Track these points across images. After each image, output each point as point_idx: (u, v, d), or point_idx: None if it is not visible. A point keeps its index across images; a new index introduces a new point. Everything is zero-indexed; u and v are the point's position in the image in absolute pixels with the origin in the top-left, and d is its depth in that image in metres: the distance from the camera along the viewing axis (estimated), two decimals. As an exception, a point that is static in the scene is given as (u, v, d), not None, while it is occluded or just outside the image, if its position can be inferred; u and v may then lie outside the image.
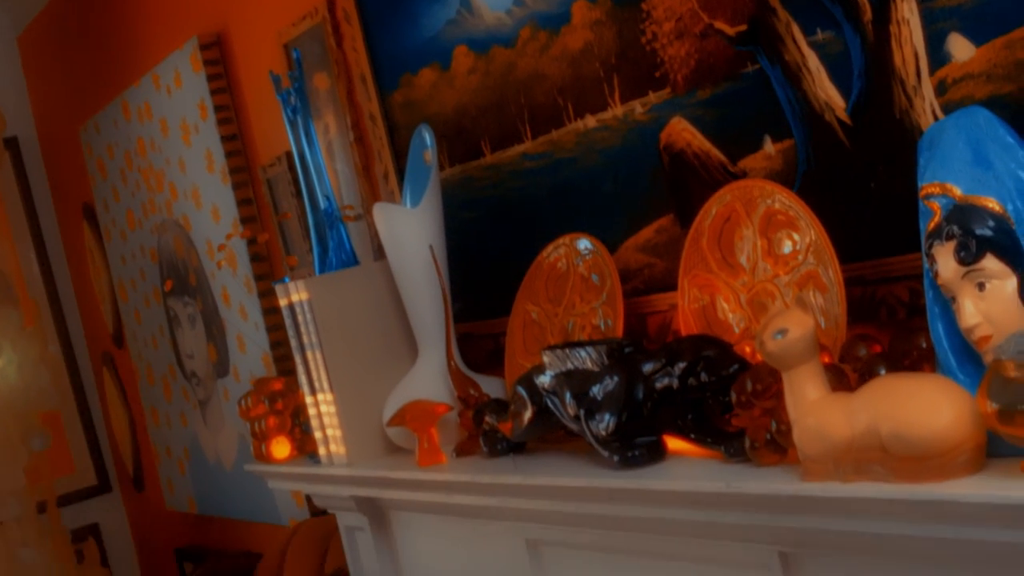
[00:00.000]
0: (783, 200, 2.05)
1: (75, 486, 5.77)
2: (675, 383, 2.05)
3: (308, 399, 2.94)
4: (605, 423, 2.09)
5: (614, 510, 2.08)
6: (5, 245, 5.43)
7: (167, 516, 5.32)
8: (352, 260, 3.04)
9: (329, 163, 3.34)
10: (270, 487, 3.37)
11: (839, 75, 2.00)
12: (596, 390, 2.13)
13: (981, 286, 1.60)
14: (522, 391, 2.34)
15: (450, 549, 2.75)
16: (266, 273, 3.95)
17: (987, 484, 1.53)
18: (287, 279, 2.98)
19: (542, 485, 2.22)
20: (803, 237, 2.03)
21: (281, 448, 3.25)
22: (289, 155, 3.54)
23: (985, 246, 1.59)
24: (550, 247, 2.61)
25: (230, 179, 4.00)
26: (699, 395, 2.02)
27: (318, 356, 2.85)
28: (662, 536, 2.08)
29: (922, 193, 1.68)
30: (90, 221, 5.39)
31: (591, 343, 2.22)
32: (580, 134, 2.54)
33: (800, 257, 2.03)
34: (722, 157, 2.25)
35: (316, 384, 2.89)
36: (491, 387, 2.67)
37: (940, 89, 1.86)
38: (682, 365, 2.04)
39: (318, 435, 2.95)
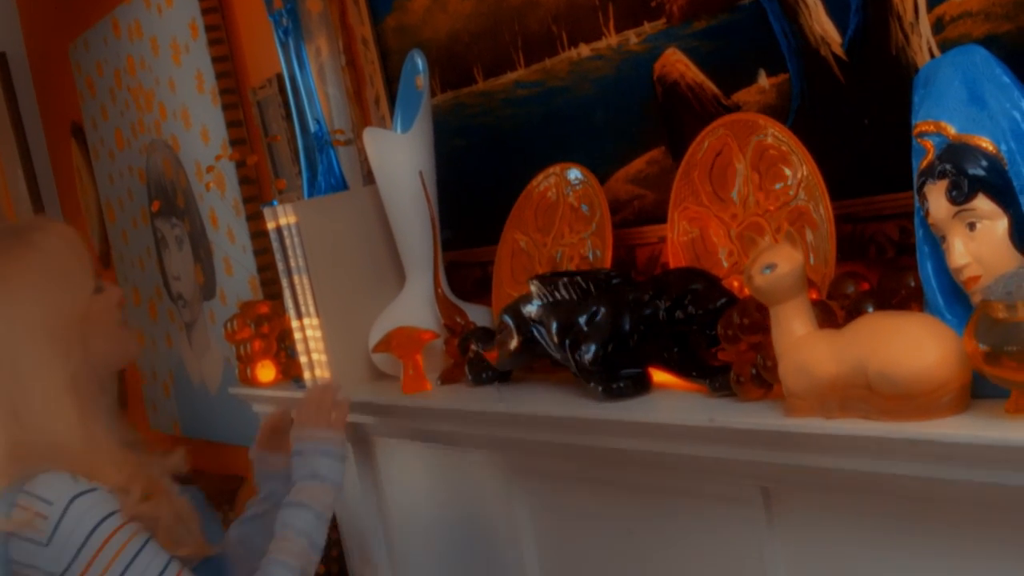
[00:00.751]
0: (776, 135, 2.04)
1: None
2: (662, 316, 2.05)
3: (294, 323, 2.94)
4: (590, 354, 2.08)
5: (597, 441, 2.08)
6: (-8, 162, 5.41)
7: (151, 438, 5.32)
8: (341, 185, 3.02)
9: (320, 86, 3.32)
10: (254, 411, 3.37)
11: (836, 9, 1.98)
12: (583, 320, 2.12)
13: (972, 226, 1.59)
14: (508, 320, 2.34)
15: (433, 477, 2.76)
16: (254, 196, 3.93)
17: (971, 425, 1.53)
18: (275, 202, 2.97)
19: (525, 414, 2.22)
20: (795, 172, 2.02)
21: (266, 372, 3.26)
22: (280, 77, 3.51)
23: (977, 186, 1.58)
24: (540, 176, 2.60)
25: (220, 100, 3.97)
26: (686, 328, 2.02)
27: (305, 280, 2.84)
28: (645, 469, 2.08)
29: (916, 131, 1.67)
30: (78, 139, 5.36)
31: (579, 273, 2.21)
32: (573, 63, 2.52)
33: (791, 192, 2.02)
34: (716, 90, 2.23)
35: (302, 308, 2.89)
36: (477, 315, 2.66)
37: (937, 27, 1.84)
38: (669, 298, 2.04)
39: (303, 359, 2.95)
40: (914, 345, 1.59)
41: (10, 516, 2.03)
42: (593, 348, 2.08)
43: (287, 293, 2.93)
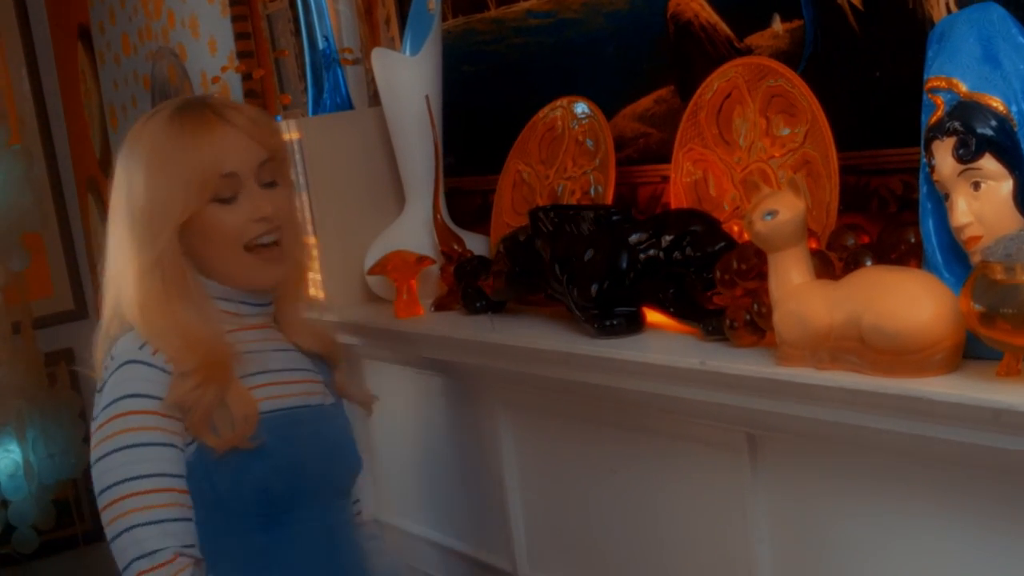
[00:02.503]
0: (787, 81, 2.02)
1: (52, 309, 5.76)
2: (660, 255, 2.04)
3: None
4: (586, 289, 2.08)
5: (587, 377, 2.08)
6: (-3, 60, 5.38)
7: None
8: (347, 104, 3.01)
9: (331, 3, 3.29)
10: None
11: (856, -42, 1.97)
12: (581, 256, 2.12)
13: (976, 185, 1.59)
14: (506, 251, 2.33)
15: (422, 404, 2.76)
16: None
17: (961, 385, 1.53)
18: (279, 118, 2.95)
19: (517, 346, 2.22)
20: (803, 120, 2.00)
21: (260, 287, 3.25)
22: (291, -8, 3.49)
23: (985, 146, 1.58)
24: (547, 108, 2.58)
25: (229, 11, 3.94)
26: (683, 270, 2.02)
27: (304, 198, 2.83)
28: (632, 408, 2.09)
29: (927, 86, 1.66)
30: (85, 43, 5.32)
31: (580, 207, 2.21)
32: (587, -4, 2.51)
33: (798, 140, 2.01)
34: (729, 32, 2.21)
35: (300, 226, 2.88)
36: (475, 244, 2.66)
37: (957, -19, 1.82)
38: (668, 238, 2.03)
39: (298, 277, 2.94)
40: (910, 300, 1.58)
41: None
42: (589, 284, 2.08)
43: (285, 209, 2.92)
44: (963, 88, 1.61)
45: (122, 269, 2.12)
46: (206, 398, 2.02)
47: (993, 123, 1.58)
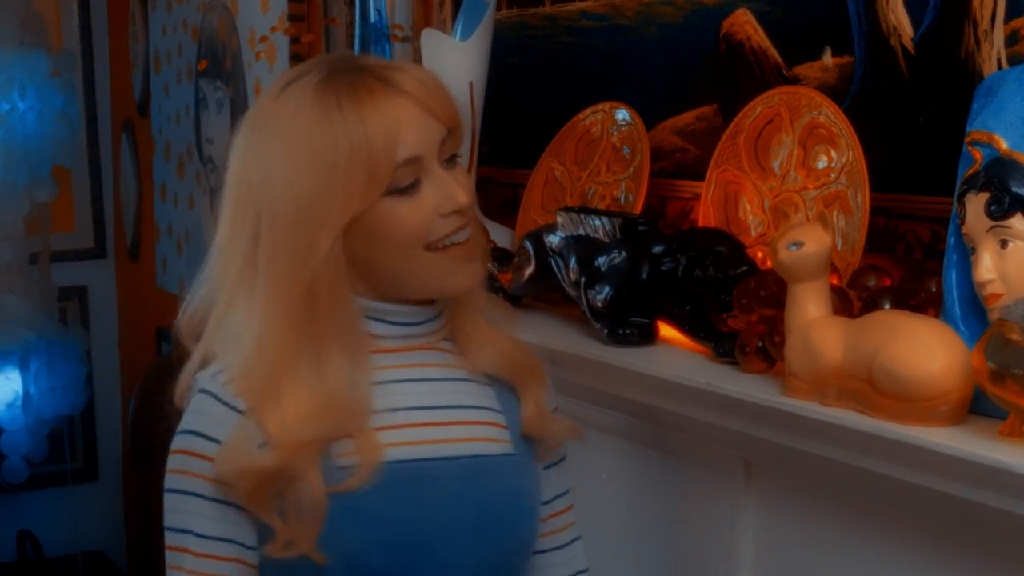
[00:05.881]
0: (829, 115, 2.02)
1: (72, 245, 5.76)
2: (680, 271, 2.04)
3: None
4: (603, 295, 2.08)
5: (594, 383, 2.09)
6: (47, -11, 5.38)
7: (156, 294, 5.34)
8: (390, 81, 3.01)
9: (387, -21, 3.30)
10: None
11: (914, 3, 1.96)
12: (602, 260, 2.12)
13: (1004, 243, 1.58)
14: (529, 246, 2.34)
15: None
16: (302, 74, 3.91)
17: (962, 439, 1.53)
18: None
19: (529, 343, 2.22)
20: (840, 156, 2.00)
21: (281, 250, 3.25)
22: (350, -39, 3.49)
23: (1017, 205, 1.57)
24: (588, 110, 2.58)
25: (286, -28, 3.94)
26: (701, 288, 2.02)
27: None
28: (633, 418, 2.09)
29: (968, 138, 1.66)
30: (139, -16, 5.34)
31: (608, 213, 2.21)
32: (643, 4, 2.50)
33: (833, 175, 2.01)
34: (779, 58, 2.21)
35: (328, 195, 2.87)
36: (499, 235, 2.66)
37: (1011, 39, 1.82)
38: (691, 255, 2.04)
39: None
40: (923, 349, 1.58)
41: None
42: (607, 290, 2.08)
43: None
44: (1004, 145, 1.61)
45: (242, 293, 1.61)
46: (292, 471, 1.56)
47: (1029, 184, 1.58)
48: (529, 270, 2.33)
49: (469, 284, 1.66)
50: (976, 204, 1.60)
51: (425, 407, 1.65)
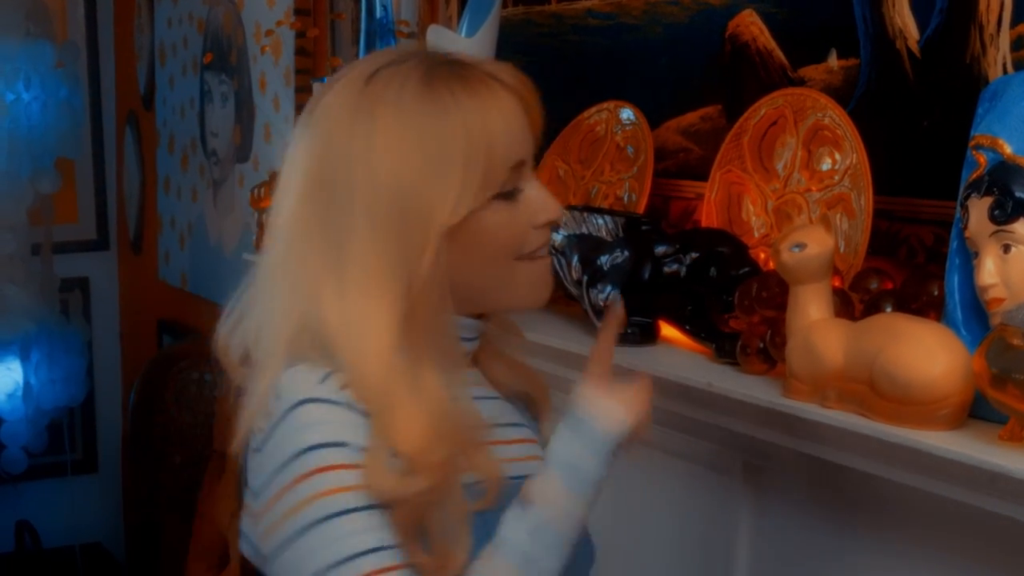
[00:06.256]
0: (834, 117, 2.02)
1: (74, 236, 5.76)
2: (683, 271, 2.04)
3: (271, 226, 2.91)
4: (605, 294, 2.08)
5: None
6: (53, -21, 5.37)
7: (157, 286, 5.34)
8: (395, 76, 3.01)
9: (394, -26, 3.29)
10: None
11: (920, 6, 1.96)
12: (604, 260, 2.12)
13: (1006, 248, 1.58)
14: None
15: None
16: (308, 68, 3.91)
17: (962, 443, 1.53)
18: (326, 79, 2.95)
19: (528, 341, 2.22)
20: (844, 158, 2.00)
21: (283, 244, 3.25)
22: (355, -44, 3.49)
23: (1021, 210, 1.57)
24: (593, 109, 2.58)
25: (292, -34, 3.94)
26: (704, 289, 2.02)
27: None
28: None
29: (972, 143, 1.66)
30: (145, -24, 5.34)
31: (611, 212, 2.21)
32: (649, 3, 2.50)
33: (836, 177, 2.01)
34: (784, 60, 2.21)
35: (331, 190, 2.87)
36: (502, 233, 2.66)
37: (1017, 44, 1.82)
38: (694, 255, 2.04)
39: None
40: (924, 352, 1.58)
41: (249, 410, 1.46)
42: (608, 289, 2.08)
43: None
44: (1008, 150, 1.61)
45: (328, 293, 1.44)
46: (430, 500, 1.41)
47: (1032, 189, 1.58)
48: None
49: (547, 298, 1.57)
50: (979, 208, 1.60)
51: (497, 424, 1.56)
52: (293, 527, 1.36)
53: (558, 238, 2.26)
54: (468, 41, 2.67)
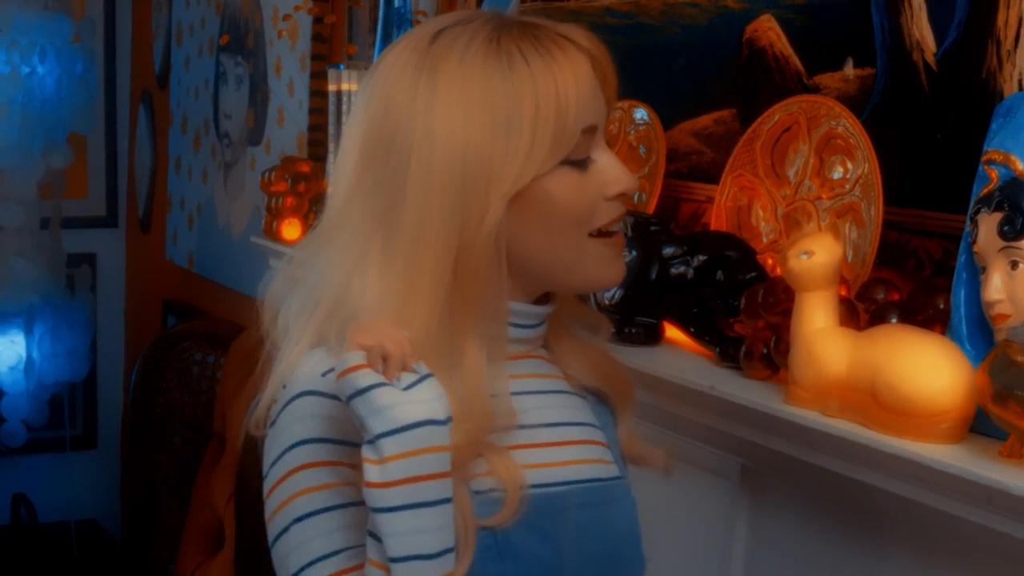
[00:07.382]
0: (847, 126, 2.02)
1: (83, 212, 5.76)
2: (690, 274, 2.04)
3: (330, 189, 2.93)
4: (611, 293, 2.08)
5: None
6: (72, -46, 5.37)
7: (164, 266, 5.35)
8: (410, 66, 3.00)
9: (413, -36, 3.29)
10: (271, 264, 3.38)
11: (938, 19, 1.96)
12: (612, 259, 2.12)
13: (1014, 264, 1.58)
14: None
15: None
16: (323, 54, 3.91)
17: (961, 457, 1.53)
18: (342, 66, 2.95)
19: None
20: (856, 168, 2.00)
21: (292, 229, 3.26)
22: (376, -57, 3.48)
23: (1030, 227, 1.57)
24: (606, 108, 2.58)
25: (312, -48, 3.94)
26: (710, 292, 2.02)
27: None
28: (637, 419, 2.08)
29: (984, 158, 1.65)
30: (165, -45, 5.34)
31: (619, 212, 2.21)
32: (668, 4, 2.50)
33: (847, 186, 2.01)
34: (800, 67, 2.21)
35: (342, 177, 2.87)
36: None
37: (1034, 60, 1.82)
38: (702, 258, 2.04)
39: (331, 227, 2.93)
40: (928, 365, 1.58)
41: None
42: (616, 289, 2.08)
43: (331, 158, 2.93)
44: (1020, 166, 1.60)
45: (373, 264, 1.35)
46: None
47: (1043, 207, 1.58)
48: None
49: (620, 278, 1.47)
50: (989, 224, 1.60)
51: (543, 424, 1.43)
52: (276, 526, 1.33)
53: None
54: (485, 34, 2.67)
